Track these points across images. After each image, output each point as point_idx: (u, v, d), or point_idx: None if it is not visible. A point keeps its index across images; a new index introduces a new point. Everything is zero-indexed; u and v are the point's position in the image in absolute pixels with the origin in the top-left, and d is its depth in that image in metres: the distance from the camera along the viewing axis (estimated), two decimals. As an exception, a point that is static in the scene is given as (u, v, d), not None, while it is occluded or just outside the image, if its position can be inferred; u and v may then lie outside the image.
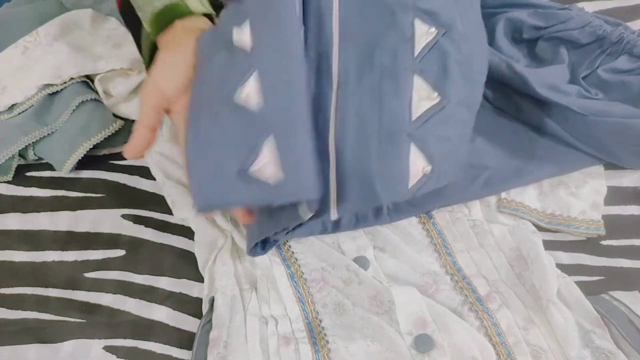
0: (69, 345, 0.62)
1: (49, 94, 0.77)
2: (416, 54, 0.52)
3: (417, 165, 0.51)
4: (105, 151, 0.77)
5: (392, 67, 0.52)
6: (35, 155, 0.75)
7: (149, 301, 0.65)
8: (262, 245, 0.60)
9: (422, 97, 0.52)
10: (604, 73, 0.69)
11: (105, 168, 0.76)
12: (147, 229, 0.70)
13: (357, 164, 0.51)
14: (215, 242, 0.65)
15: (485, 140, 0.68)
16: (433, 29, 0.53)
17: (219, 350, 0.58)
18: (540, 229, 0.66)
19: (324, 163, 0.52)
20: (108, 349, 0.61)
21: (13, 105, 0.77)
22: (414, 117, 0.52)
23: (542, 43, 0.72)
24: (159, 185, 0.72)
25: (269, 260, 0.63)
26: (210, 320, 0.60)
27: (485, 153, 0.67)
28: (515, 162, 0.67)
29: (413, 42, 0.52)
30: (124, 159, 0.75)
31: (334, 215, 0.52)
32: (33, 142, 0.74)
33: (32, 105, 0.76)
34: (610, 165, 0.69)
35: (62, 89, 0.77)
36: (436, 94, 0.52)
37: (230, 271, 0.63)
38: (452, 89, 0.53)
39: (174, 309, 0.64)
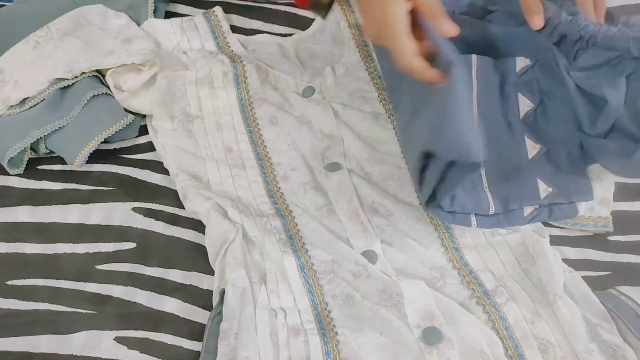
0: (80, 336, 0.62)
1: (61, 88, 0.78)
2: (517, 70, 0.67)
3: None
4: (116, 145, 0.78)
5: (502, 84, 0.68)
6: (46, 148, 0.75)
7: (159, 293, 0.65)
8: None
9: (525, 106, 0.68)
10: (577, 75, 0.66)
11: (116, 162, 0.76)
12: (158, 222, 0.70)
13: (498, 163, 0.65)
14: (226, 235, 0.65)
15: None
16: (528, 60, 0.68)
17: (229, 341, 0.58)
18: (547, 224, 0.67)
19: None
20: (119, 339, 0.62)
21: (25, 99, 0.78)
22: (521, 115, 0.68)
23: None
24: (171, 179, 0.73)
25: (280, 251, 0.64)
26: (220, 312, 0.60)
27: None
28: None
29: (515, 63, 0.67)
30: (135, 152, 0.77)
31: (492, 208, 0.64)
32: (44, 136, 0.74)
33: (44, 99, 0.77)
34: (617, 162, 0.70)
35: (73, 83, 0.78)
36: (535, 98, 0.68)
37: (241, 264, 0.63)
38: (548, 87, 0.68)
39: (185, 301, 0.64)
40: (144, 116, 0.79)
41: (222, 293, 0.62)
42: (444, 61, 0.56)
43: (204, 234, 0.68)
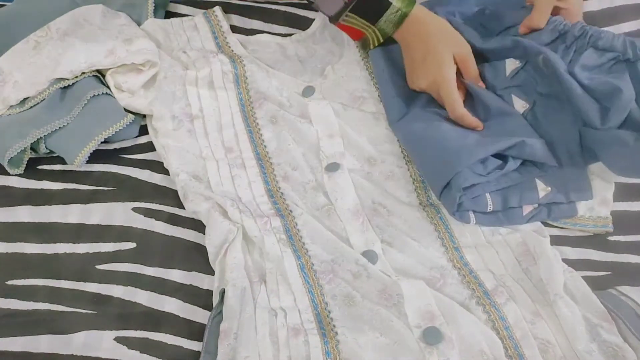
0: (80, 336, 0.62)
1: (61, 88, 0.78)
2: (508, 72, 0.72)
3: None
4: (116, 145, 0.78)
5: (493, 87, 0.73)
6: (46, 148, 0.75)
7: (159, 293, 0.65)
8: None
9: (520, 107, 0.70)
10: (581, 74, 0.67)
11: (116, 162, 0.76)
12: (158, 222, 0.70)
13: None
14: (226, 235, 0.65)
15: None
16: (518, 62, 0.71)
17: (230, 341, 0.58)
18: (547, 224, 0.67)
19: None
20: (119, 339, 0.62)
21: (25, 99, 0.78)
22: None
23: None
24: (171, 179, 0.73)
25: (280, 251, 0.64)
26: (220, 312, 0.60)
27: None
28: None
29: (505, 66, 0.72)
30: (135, 153, 0.77)
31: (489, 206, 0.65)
32: (45, 136, 0.74)
33: (44, 99, 0.77)
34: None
35: (73, 83, 0.78)
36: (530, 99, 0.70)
37: (241, 264, 0.63)
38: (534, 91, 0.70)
39: (185, 301, 0.64)
40: (144, 116, 0.79)
41: (222, 293, 0.62)
42: (494, 108, 0.69)
43: (204, 233, 0.68)
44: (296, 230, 0.66)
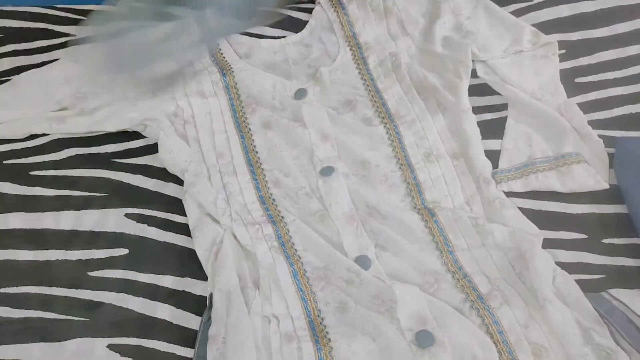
0: (73, 344, 0.62)
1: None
2: None
3: None
4: (108, 149, 0.77)
5: None
6: None
7: (152, 299, 0.65)
8: None
9: None
10: None
11: (109, 167, 0.76)
12: (150, 227, 0.70)
13: None
14: (213, 237, 0.65)
15: None
16: None
17: (218, 346, 0.58)
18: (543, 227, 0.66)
19: None
20: (112, 347, 0.62)
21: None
22: None
23: None
24: (163, 184, 0.73)
25: (273, 258, 0.64)
26: (211, 317, 0.60)
27: None
28: None
29: None
30: (128, 157, 0.76)
31: None
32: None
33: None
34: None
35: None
36: None
37: (229, 267, 0.63)
38: None
39: (177, 307, 0.64)
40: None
41: (211, 297, 0.62)
42: None
43: (197, 239, 0.68)
44: (288, 237, 0.66)
